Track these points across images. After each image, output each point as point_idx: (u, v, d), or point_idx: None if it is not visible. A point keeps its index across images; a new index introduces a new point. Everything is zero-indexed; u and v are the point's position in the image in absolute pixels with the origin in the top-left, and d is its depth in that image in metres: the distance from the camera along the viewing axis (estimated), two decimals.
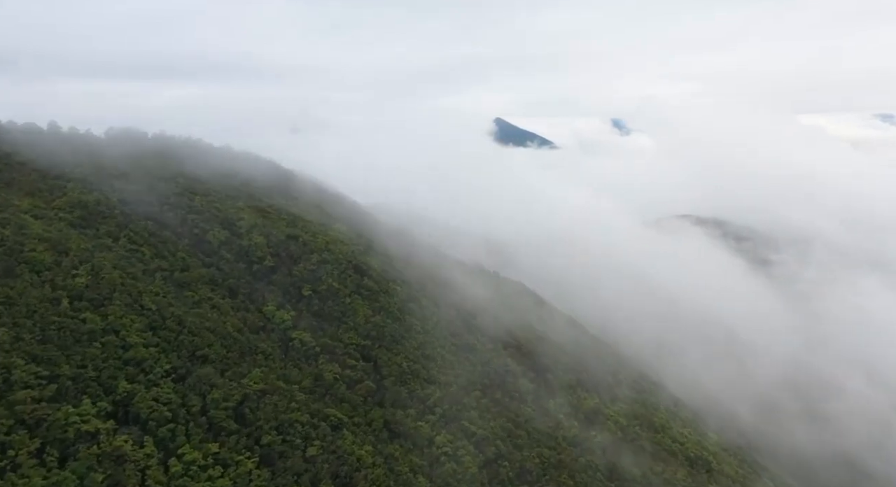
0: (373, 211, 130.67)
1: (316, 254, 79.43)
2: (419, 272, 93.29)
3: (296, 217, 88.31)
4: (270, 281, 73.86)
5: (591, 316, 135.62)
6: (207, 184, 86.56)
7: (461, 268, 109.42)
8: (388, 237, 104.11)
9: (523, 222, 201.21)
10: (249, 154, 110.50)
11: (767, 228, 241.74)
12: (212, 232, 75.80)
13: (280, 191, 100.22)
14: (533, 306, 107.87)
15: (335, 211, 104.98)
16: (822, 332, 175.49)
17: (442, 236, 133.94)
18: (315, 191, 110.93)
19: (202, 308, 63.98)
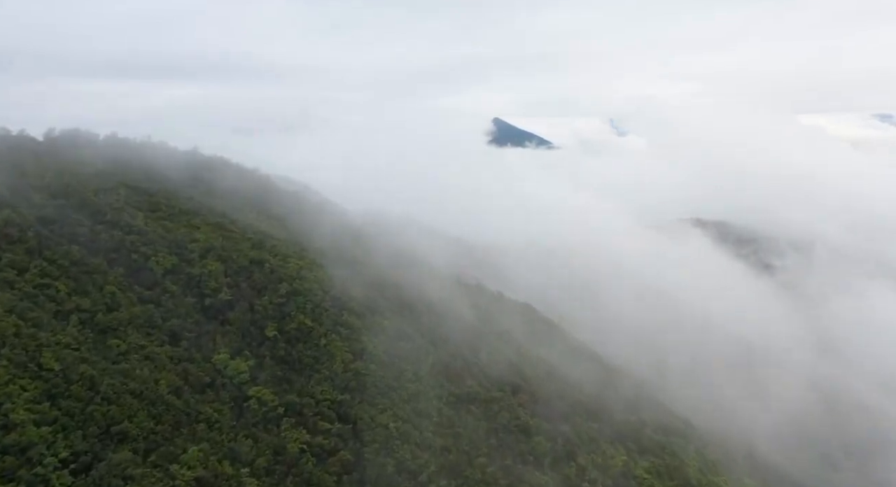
0: (362, 219, 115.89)
1: (285, 283, 64.31)
2: (413, 298, 78.24)
3: (265, 236, 73.20)
4: (226, 319, 58.82)
5: (592, 327, 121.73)
6: (158, 197, 71.40)
7: (462, 290, 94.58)
8: (378, 254, 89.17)
9: (519, 227, 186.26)
10: (219, 159, 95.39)
11: (769, 231, 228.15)
12: (155, 257, 60.68)
13: (252, 202, 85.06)
14: (543, 334, 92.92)
15: (317, 224, 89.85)
16: (837, 343, 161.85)
17: (437, 247, 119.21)
18: (294, 201, 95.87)
19: (129, 362, 49.00)
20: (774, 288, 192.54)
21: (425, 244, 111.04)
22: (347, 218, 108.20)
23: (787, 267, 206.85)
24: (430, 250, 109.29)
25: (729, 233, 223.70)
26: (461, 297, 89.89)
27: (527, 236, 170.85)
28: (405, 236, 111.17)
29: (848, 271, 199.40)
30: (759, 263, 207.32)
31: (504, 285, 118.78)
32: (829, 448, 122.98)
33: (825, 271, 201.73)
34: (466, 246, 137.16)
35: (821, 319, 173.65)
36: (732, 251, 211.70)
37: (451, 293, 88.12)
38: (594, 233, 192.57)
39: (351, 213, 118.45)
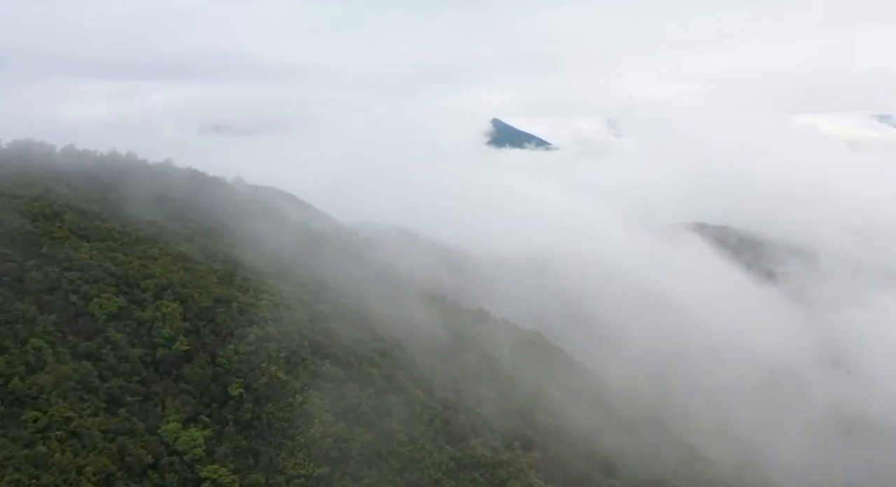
0: (353, 235, 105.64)
1: (256, 327, 53.83)
2: (405, 333, 67.90)
3: (236, 265, 62.67)
4: (180, 375, 48.40)
5: (591, 342, 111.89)
6: (111, 222, 60.80)
7: (462, 319, 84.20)
8: (369, 279, 78.80)
9: (515, 235, 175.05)
10: (191, 173, 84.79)
11: (770, 236, 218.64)
12: (99, 299, 50.22)
13: (227, 224, 74.41)
14: (552, 368, 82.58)
15: (301, 246, 79.38)
16: (848, 359, 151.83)
17: (431, 264, 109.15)
18: (278, 219, 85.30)
19: (47, 442, 38.55)
20: (779, 298, 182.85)
21: (418, 262, 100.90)
22: (336, 235, 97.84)
23: (791, 274, 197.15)
24: (423, 269, 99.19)
25: (729, 237, 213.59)
26: (462, 328, 79.62)
27: (522, 245, 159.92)
28: (396, 253, 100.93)
29: (854, 280, 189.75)
30: (762, 271, 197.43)
31: (500, 299, 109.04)
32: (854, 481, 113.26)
33: (831, 280, 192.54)
34: (460, 258, 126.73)
35: (830, 333, 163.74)
36: (732, 256, 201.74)
37: (450, 324, 77.78)
38: (592, 241, 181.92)
39: (342, 228, 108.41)
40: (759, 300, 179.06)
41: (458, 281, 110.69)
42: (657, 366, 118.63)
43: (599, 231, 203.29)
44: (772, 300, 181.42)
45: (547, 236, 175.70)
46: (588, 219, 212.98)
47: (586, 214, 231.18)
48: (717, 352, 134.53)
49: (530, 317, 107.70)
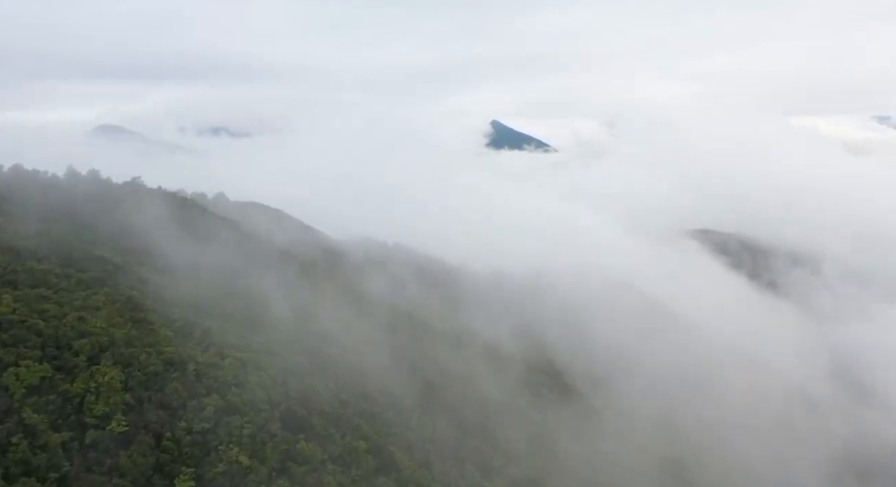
0: (344, 256, 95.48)
1: (216, 396, 43.72)
2: (400, 380, 57.85)
3: (198, 312, 52.48)
4: (115, 466, 38.27)
5: (589, 362, 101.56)
6: (49, 264, 50.50)
7: (468, 351, 74.11)
8: (359, 312, 68.66)
9: (511, 246, 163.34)
10: (161, 194, 74.39)
11: (772, 243, 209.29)
12: (16, 368, 40.04)
13: (198, 257, 63.99)
14: (567, 415, 72.46)
15: (285, 276, 69.07)
16: (856, 374, 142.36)
17: (424, 283, 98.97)
18: (259, 247, 74.92)
19: None
20: (786, 310, 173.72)
21: (412, 287, 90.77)
22: (324, 259, 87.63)
23: (795, 284, 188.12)
24: (417, 294, 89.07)
25: (730, 244, 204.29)
26: (461, 367, 69.54)
27: (518, 257, 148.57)
28: (390, 278, 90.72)
29: (859, 290, 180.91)
30: (766, 280, 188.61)
31: (496, 316, 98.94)
32: None
33: (835, 290, 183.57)
34: (453, 274, 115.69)
35: (839, 347, 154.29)
36: (735, 264, 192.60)
37: (449, 364, 67.65)
38: (591, 251, 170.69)
39: (330, 249, 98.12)
40: (766, 313, 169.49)
41: (451, 301, 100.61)
42: (662, 387, 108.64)
43: (598, 240, 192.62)
44: (779, 313, 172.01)
45: (544, 246, 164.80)
46: (586, 227, 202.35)
47: (584, 222, 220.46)
48: (727, 372, 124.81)
49: (527, 337, 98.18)
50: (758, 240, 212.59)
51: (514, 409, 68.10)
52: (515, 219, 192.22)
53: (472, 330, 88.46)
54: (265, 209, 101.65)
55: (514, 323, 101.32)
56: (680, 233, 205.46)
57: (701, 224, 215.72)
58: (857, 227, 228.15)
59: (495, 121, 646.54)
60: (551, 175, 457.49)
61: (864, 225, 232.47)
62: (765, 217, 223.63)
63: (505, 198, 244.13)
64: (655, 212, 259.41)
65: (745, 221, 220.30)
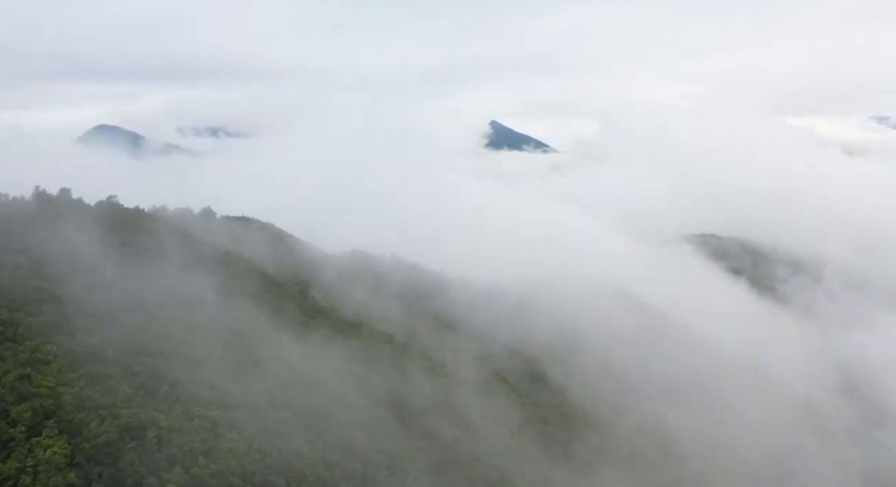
0: (341, 273, 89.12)
1: (178, 469, 37.19)
2: (397, 438, 51.39)
3: (167, 359, 45.79)
4: None
5: (584, 385, 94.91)
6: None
7: (470, 383, 67.79)
8: (348, 347, 62.14)
9: (506, 253, 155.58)
10: (116, 209, 67.57)
11: (772, 249, 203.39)
12: None
13: (167, 284, 57.25)
14: (578, 446, 66.13)
15: (266, 304, 62.55)
16: (865, 388, 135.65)
17: (425, 301, 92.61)
18: (243, 270, 68.39)
19: None
20: (787, 317, 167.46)
21: (413, 312, 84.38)
22: (317, 278, 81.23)
23: (796, 291, 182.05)
24: (411, 320, 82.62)
25: (731, 249, 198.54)
26: (473, 409, 63.11)
27: (515, 266, 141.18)
28: (383, 297, 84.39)
29: (860, 298, 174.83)
30: (765, 286, 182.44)
31: (491, 330, 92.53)
32: None
33: (837, 297, 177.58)
34: (451, 289, 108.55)
35: (842, 358, 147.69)
36: (736, 270, 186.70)
37: (454, 408, 61.20)
38: (589, 258, 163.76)
39: (324, 262, 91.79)
40: (769, 322, 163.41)
41: (450, 320, 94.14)
42: (672, 414, 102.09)
43: (597, 246, 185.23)
44: (782, 321, 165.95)
45: (541, 254, 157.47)
46: (585, 233, 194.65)
47: (582, 227, 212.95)
48: (733, 387, 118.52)
49: (524, 353, 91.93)
50: (758, 245, 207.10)
51: (521, 453, 61.79)
52: (511, 226, 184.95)
53: (477, 354, 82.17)
54: (256, 225, 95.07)
55: (511, 339, 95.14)
56: (679, 237, 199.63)
57: (700, 228, 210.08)
58: (858, 231, 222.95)
59: (494, 122, 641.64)
60: (549, 177, 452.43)
61: (865, 228, 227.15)
62: (765, 220, 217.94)
63: (502, 203, 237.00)
64: (654, 215, 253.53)
65: (745, 225, 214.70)
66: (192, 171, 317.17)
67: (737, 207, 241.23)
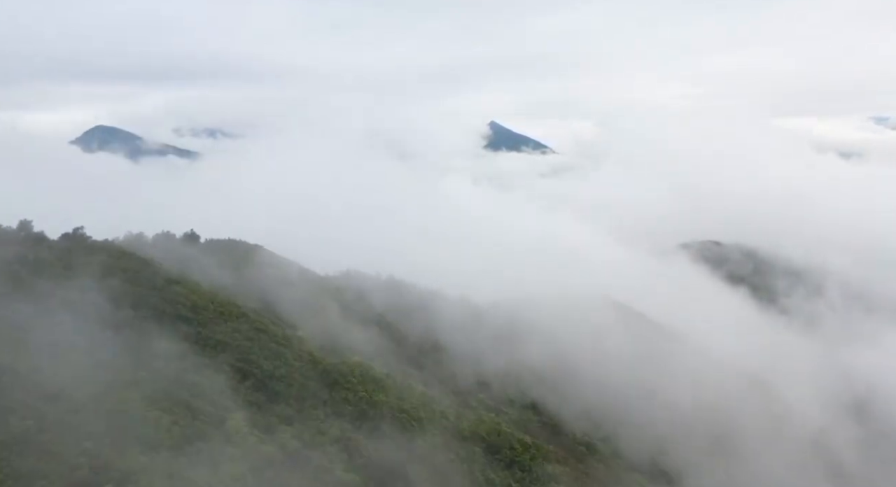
0: (330, 290, 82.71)
1: None
2: None
3: (111, 443, 39.78)
4: None
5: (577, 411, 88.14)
6: None
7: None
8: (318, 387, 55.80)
9: (501, 267, 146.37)
10: (79, 243, 61.04)
11: (771, 257, 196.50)
12: None
13: (120, 339, 50.75)
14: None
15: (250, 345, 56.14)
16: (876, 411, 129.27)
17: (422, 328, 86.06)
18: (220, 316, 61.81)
19: None
20: (790, 329, 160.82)
21: (405, 342, 78.10)
22: (303, 309, 74.98)
23: (798, 301, 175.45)
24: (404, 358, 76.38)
25: (728, 257, 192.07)
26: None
27: (504, 279, 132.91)
28: (379, 331, 78.08)
29: (865, 312, 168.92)
30: (766, 296, 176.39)
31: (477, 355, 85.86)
32: None
33: (841, 311, 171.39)
34: (449, 310, 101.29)
35: (850, 372, 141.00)
36: (732, 279, 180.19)
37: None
38: (584, 268, 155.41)
39: (318, 285, 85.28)
40: (774, 337, 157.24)
41: (446, 345, 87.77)
42: (678, 439, 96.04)
43: (593, 255, 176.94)
44: (785, 334, 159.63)
45: (536, 266, 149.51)
46: (580, 241, 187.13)
47: (578, 235, 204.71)
48: (741, 408, 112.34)
49: (517, 378, 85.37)
50: (759, 252, 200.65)
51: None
52: (504, 237, 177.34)
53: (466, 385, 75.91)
54: (239, 247, 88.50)
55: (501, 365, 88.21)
56: (677, 245, 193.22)
57: (699, 234, 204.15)
58: (861, 238, 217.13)
59: (493, 123, 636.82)
60: (547, 179, 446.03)
61: (868, 235, 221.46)
62: (766, 226, 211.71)
63: (495, 211, 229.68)
64: (651, 220, 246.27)
65: (746, 231, 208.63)
66: (180, 180, 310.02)
67: (736, 212, 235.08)
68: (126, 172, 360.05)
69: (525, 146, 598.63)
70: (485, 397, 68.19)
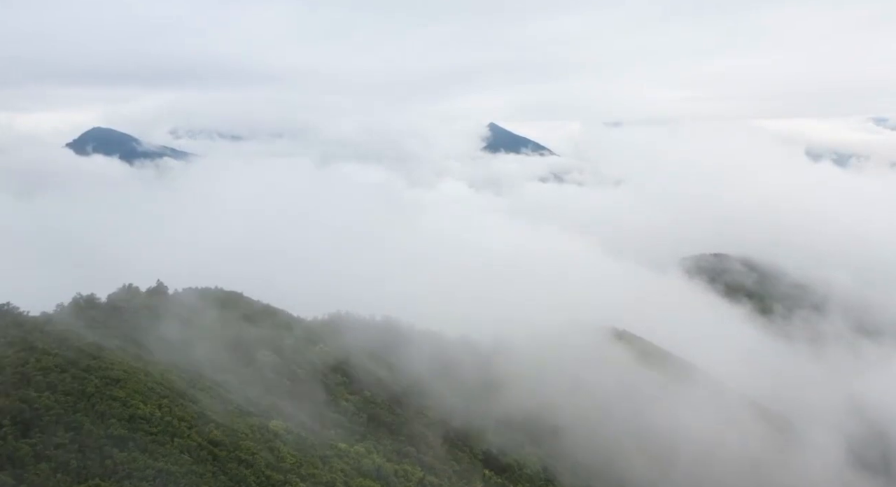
0: (322, 334, 74.58)
1: None
2: None
3: None
4: None
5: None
6: None
7: None
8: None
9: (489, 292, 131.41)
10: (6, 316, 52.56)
11: (773, 272, 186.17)
12: None
13: None
14: None
15: None
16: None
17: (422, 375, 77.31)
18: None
19: None
20: (797, 354, 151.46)
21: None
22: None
23: (803, 323, 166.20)
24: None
25: (727, 272, 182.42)
26: None
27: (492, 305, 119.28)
28: (371, 388, 69.68)
29: (869, 336, 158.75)
30: (769, 316, 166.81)
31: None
32: None
33: (846, 333, 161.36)
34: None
35: (858, 396, 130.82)
36: (729, 292, 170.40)
37: None
38: (576, 288, 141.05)
39: (308, 329, 76.05)
40: (781, 360, 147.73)
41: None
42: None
43: (586, 274, 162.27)
44: (792, 358, 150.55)
45: (525, 288, 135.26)
46: (573, 257, 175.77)
47: (569, 250, 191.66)
48: (752, 443, 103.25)
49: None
50: (759, 266, 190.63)
51: None
52: (491, 256, 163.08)
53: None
54: (214, 296, 77.92)
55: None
56: (678, 259, 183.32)
57: (697, 246, 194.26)
58: (863, 251, 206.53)
59: (492, 124, 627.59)
60: (545, 185, 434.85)
61: (870, 248, 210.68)
62: (766, 239, 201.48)
63: (490, 224, 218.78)
64: (647, 234, 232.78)
65: (745, 243, 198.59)
66: (168, 191, 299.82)
67: (736, 222, 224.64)
68: (117, 178, 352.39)
69: (524, 148, 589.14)
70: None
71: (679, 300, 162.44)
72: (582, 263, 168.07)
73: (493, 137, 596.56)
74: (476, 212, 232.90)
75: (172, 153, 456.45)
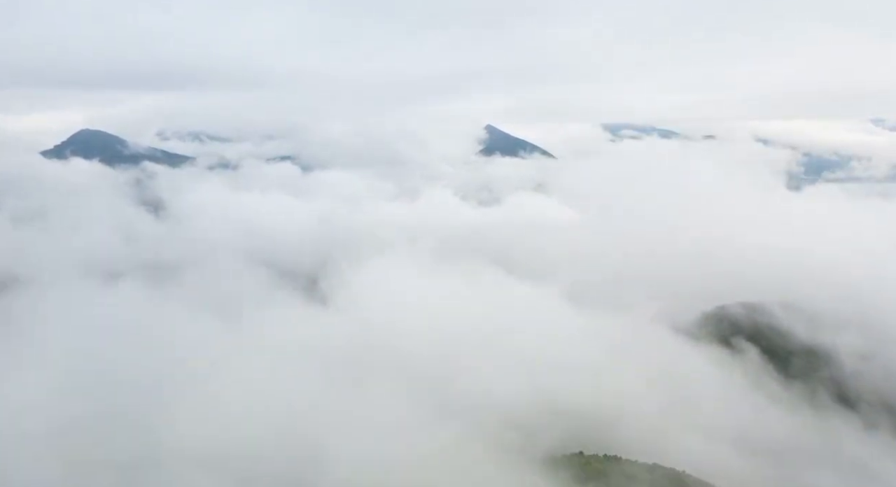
0: None
1: None
2: None
3: None
4: None
5: None
6: None
7: None
8: None
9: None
10: None
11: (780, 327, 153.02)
12: None
13: None
14: None
15: None
16: None
17: None
18: None
19: None
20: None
21: None
22: None
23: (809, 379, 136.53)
24: None
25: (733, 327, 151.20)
26: None
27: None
28: None
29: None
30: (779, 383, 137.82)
31: None
32: None
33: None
34: None
35: None
36: (737, 359, 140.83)
37: None
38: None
39: None
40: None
41: None
42: None
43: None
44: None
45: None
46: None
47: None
48: None
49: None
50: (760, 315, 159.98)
51: None
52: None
53: None
54: None
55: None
56: (672, 310, 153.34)
57: (698, 299, 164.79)
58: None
59: (490, 126, 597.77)
60: (544, 183, 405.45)
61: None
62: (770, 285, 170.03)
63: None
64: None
65: (744, 290, 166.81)
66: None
67: (743, 269, 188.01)
68: (88, 185, 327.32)
69: (522, 150, 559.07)
70: None
71: (685, 365, 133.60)
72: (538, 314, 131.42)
73: (491, 139, 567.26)
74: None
75: (160, 156, 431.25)
